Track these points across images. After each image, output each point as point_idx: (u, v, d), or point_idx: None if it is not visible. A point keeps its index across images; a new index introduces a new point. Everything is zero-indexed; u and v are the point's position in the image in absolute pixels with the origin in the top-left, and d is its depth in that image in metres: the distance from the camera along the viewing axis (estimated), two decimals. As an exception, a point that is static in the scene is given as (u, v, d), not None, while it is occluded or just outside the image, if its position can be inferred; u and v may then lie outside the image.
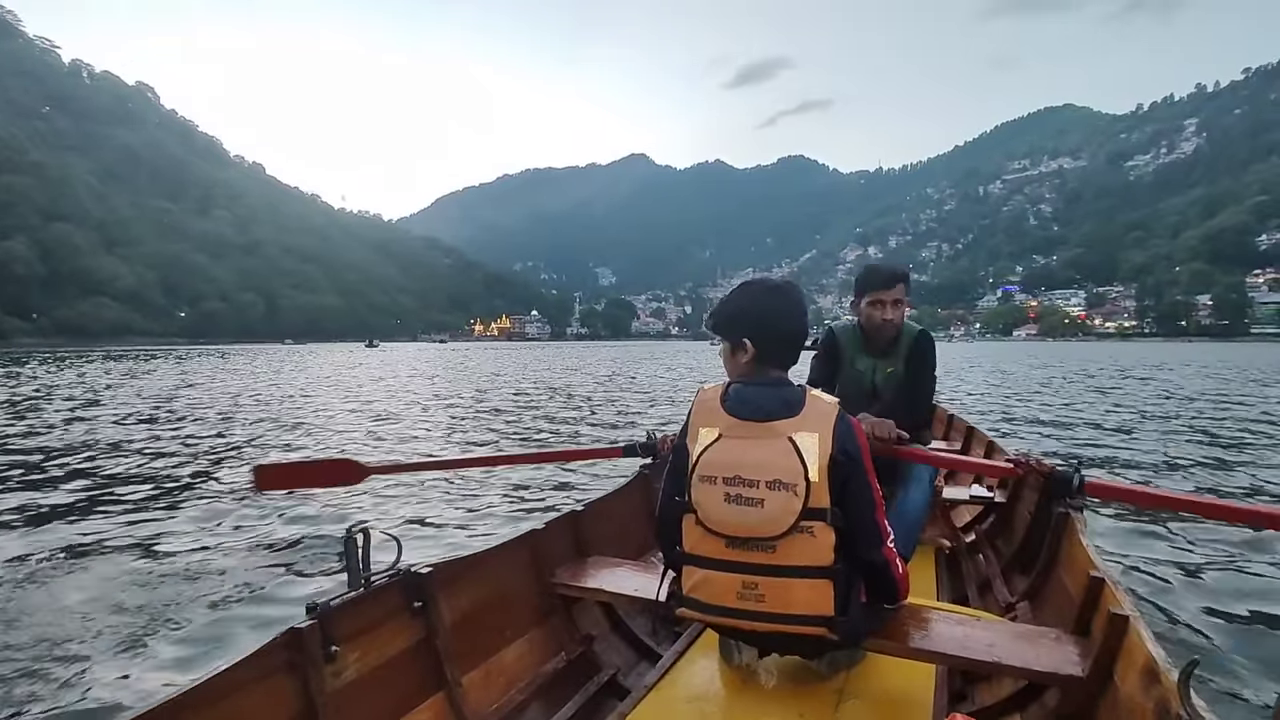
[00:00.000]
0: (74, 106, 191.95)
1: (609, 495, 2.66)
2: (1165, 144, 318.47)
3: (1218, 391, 16.79)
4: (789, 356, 1.58)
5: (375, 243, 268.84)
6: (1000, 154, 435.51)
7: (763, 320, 1.56)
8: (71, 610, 3.27)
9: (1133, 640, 1.37)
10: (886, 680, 1.73)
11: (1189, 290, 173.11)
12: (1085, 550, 1.88)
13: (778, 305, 1.57)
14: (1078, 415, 12.00)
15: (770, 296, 1.58)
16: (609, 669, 2.11)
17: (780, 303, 1.57)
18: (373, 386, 19.51)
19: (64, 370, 28.32)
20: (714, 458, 1.45)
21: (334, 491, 5.39)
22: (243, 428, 10.41)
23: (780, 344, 1.56)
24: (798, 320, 1.58)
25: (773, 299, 1.57)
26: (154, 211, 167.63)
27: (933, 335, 2.73)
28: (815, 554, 1.40)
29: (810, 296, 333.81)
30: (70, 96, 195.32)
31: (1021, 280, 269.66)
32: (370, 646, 1.60)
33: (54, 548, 4.31)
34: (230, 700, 1.27)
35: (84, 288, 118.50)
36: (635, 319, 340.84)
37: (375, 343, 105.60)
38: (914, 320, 2.74)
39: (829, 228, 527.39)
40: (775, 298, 1.58)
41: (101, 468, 7.13)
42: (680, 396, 15.77)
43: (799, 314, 1.59)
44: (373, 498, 5.44)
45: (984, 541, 3.00)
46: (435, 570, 1.79)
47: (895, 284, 2.56)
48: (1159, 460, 7.51)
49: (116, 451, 8.18)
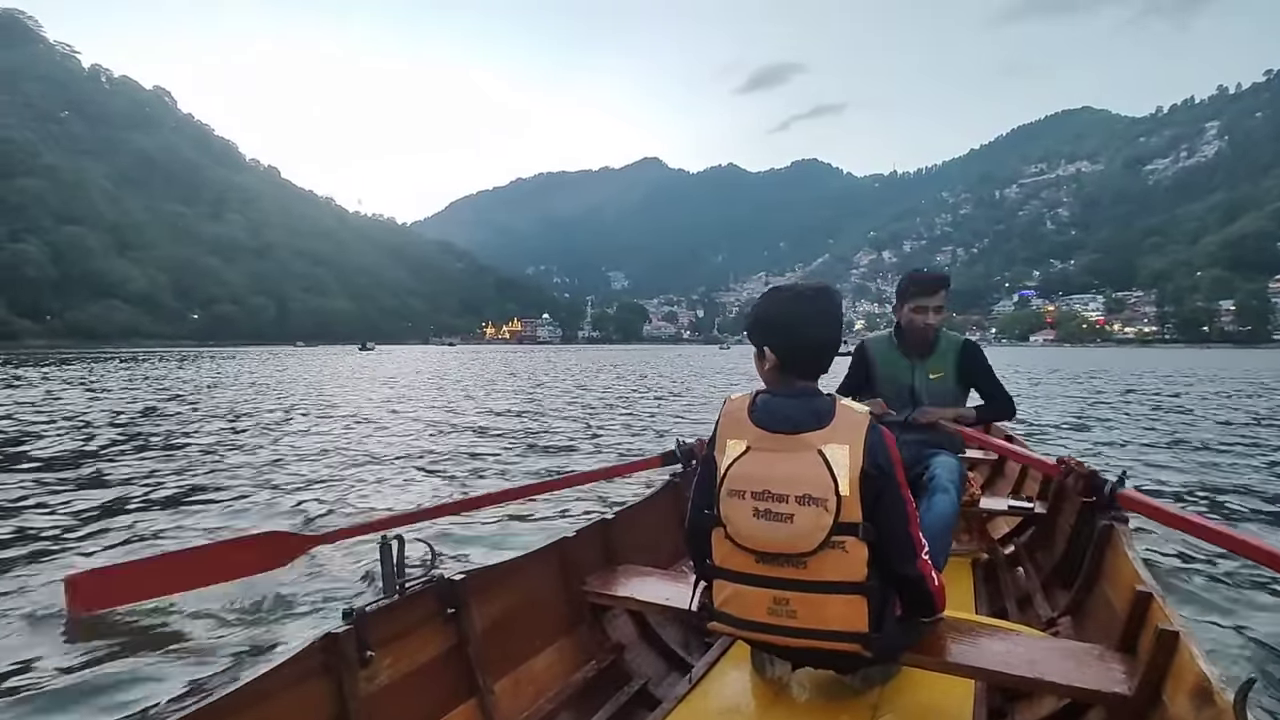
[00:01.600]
0: (92, 111, 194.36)
1: (639, 503, 2.63)
2: (1185, 147, 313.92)
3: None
4: (814, 367, 1.52)
5: (387, 246, 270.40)
6: (1016, 158, 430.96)
7: (787, 329, 1.51)
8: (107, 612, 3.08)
9: (1183, 658, 1.31)
10: (923, 695, 1.69)
11: (1210, 296, 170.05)
12: (1131, 564, 1.82)
13: (802, 313, 1.51)
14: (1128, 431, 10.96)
15: (795, 304, 1.52)
16: (640, 679, 2.09)
17: (805, 310, 1.51)
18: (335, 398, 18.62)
19: (89, 369, 27.74)
20: (742, 471, 1.43)
21: (361, 505, 5.36)
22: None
23: (803, 354, 1.51)
24: (824, 330, 1.51)
25: (797, 306, 1.52)
26: (168, 215, 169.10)
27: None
28: (848, 569, 1.37)
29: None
30: (89, 101, 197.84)
31: (1038, 285, 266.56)
32: (404, 652, 1.62)
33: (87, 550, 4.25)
34: (268, 702, 1.30)
35: (95, 290, 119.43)
36: (647, 323, 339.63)
37: (370, 346, 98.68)
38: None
39: (842, 232, 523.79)
40: (800, 305, 1.52)
41: (122, 468, 7.06)
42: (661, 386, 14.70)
43: (826, 322, 1.51)
44: (406, 502, 5.39)
45: (1023, 554, 2.93)
46: (468, 577, 1.81)
47: (938, 290, 2.64)
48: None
49: (127, 453, 8.02)
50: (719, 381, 24.48)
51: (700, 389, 20.49)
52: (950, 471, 2.40)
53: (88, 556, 4.16)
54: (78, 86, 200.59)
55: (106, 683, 2.59)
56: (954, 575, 2.60)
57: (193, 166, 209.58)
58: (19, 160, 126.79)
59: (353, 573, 3.80)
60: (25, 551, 4.22)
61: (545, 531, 4.12)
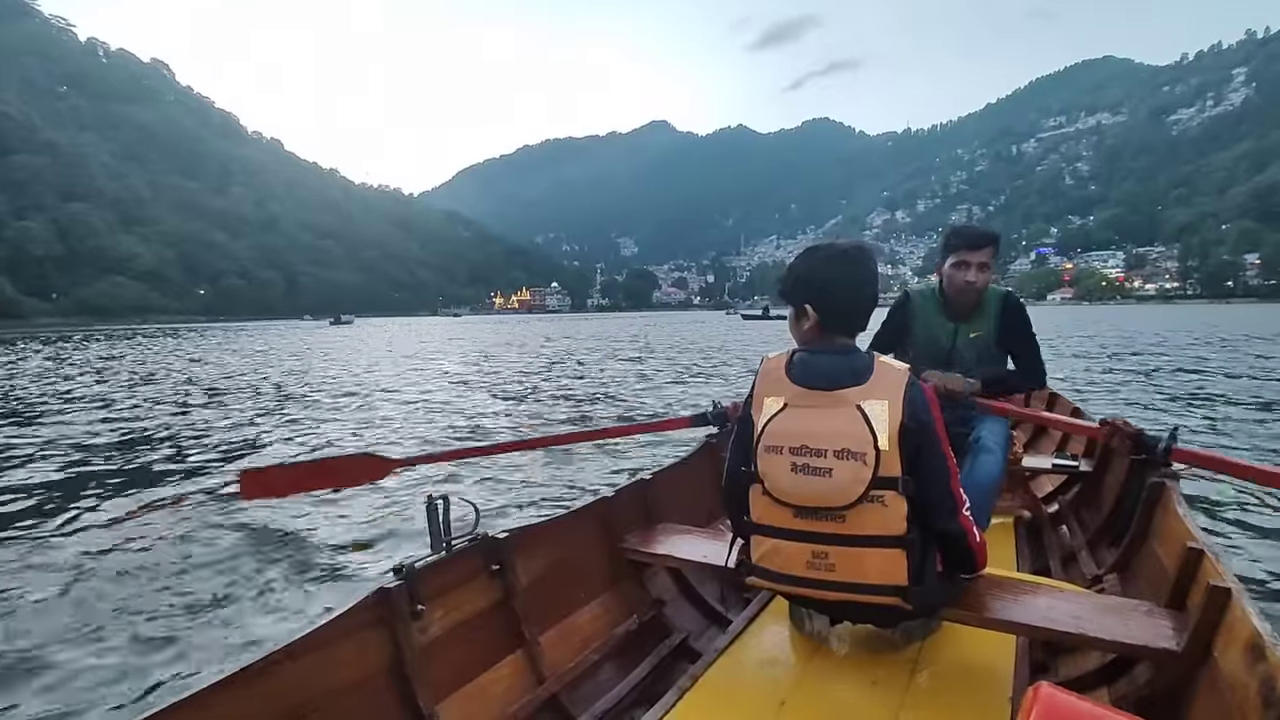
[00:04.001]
0: (90, 85, 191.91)
1: (676, 464, 2.67)
2: (1212, 96, 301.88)
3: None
4: (855, 324, 1.54)
5: (395, 217, 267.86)
6: (1035, 111, 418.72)
7: (825, 287, 1.52)
8: (177, 570, 3.68)
9: (1235, 614, 1.29)
10: (964, 650, 1.69)
11: (1236, 249, 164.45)
12: (1182, 521, 1.79)
13: (843, 272, 1.52)
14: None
15: (834, 264, 1.54)
16: (680, 633, 2.15)
17: (845, 269, 1.53)
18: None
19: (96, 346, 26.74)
20: (780, 427, 1.43)
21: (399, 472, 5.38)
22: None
23: (844, 311, 1.52)
24: (863, 288, 1.53)
25: (837, 266, 1.53)
26: (171, 189, 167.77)
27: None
28: (887, 523, 1.37)
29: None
30: (86, 75, 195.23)
31: (1056, 242, 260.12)
32: (453, 605, 1.69)
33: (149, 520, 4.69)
34: (329, 649, 1.39)
35: (102, 267, 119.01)
36: (657, 289, 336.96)
37: (346, 319, 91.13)
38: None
39: (855, 192, 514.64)
40: (840, 264, 1.53)
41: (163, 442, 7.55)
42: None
43: (864, 281, 1.53)
44: (447, 469, 5.63)
45: (1068, 513, 2.90)
46: (511, 535, 1.87)
47: (984, 245, 2.45)
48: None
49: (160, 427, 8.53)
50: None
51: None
52: (996, 434, 2.36)
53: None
54: (74, 61, 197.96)
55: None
56: (996, 534, 2.55)
57: (194, 140, 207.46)
58: (18, 137, 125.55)
59: (399, 531, 4.25)
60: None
61: (583, 493, 4.68)
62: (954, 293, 2.54)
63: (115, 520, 4.61)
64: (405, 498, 4.84)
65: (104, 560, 3.81)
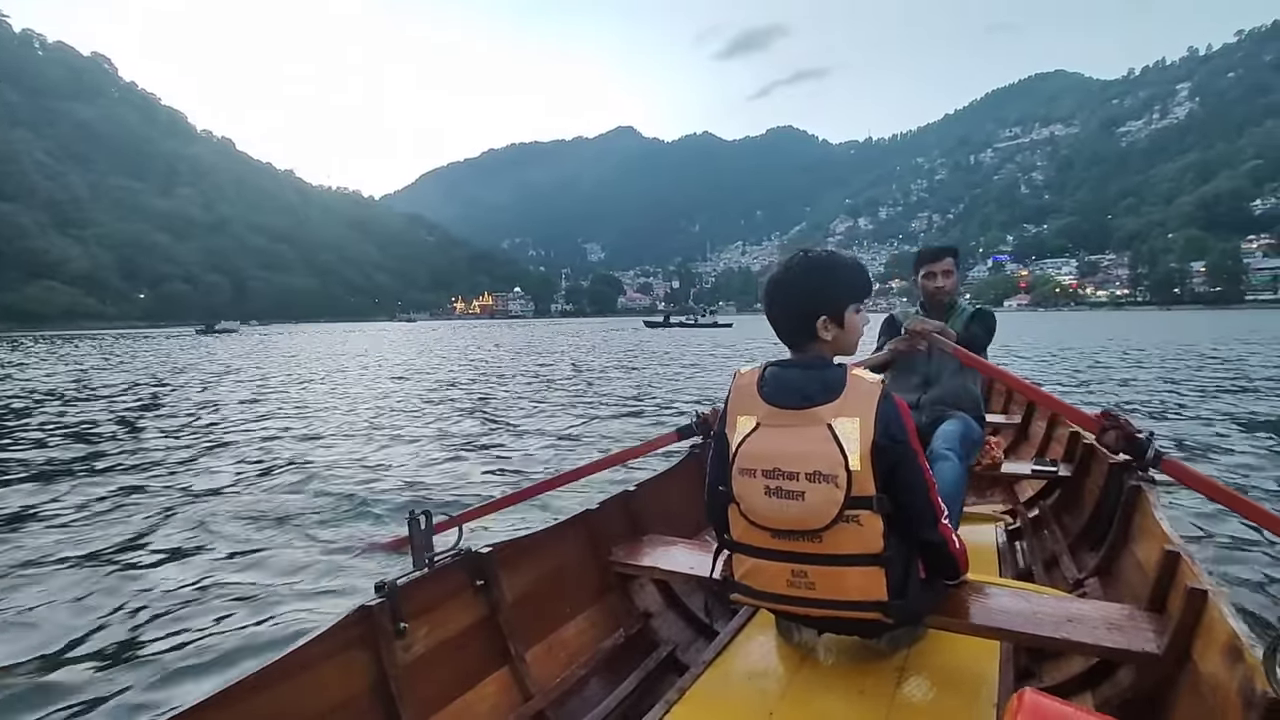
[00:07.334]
0: (25, 80, 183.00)
1: (661, 475, 2.67)
2: (1158, 109, 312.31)
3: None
4: (793, 335, 1.51)
5: (353, 220, 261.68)
6: (992, 122, 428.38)
7: (768, 297, 1.51)
8: (147, 588, 3.52)
9: (1213, 616, 1.31)
10: (949, 657, 1.69)
11: (1183, 257, 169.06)
12: (1160, 524, 1.81)
13: (780, 279, 1.51)
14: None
15: (780, 270, 1.53)
16: (667, 645, 2.14)
17: (783, 276, 1.51)
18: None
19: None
20: (752, 449, 1.42)
21: (391, 476, 5.89)
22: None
23: (779, 323, 1.51)
24: (795, 298, 1.49)
25: (779, 273, 1.52)
26: (113, 190, 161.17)
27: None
28: (864, 542, 1.36)
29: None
30: (21, 69, 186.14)
31: (1013, 250, 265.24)
32: (437, 623, 1.66)
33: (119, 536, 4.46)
34: (309, 672, 1.36)
35: (31, 271, 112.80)
36: (621, 295, 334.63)
37: (228, 325, 77.70)
38: (899, 291, 3.47)
39: (819, 200, 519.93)
40: (782, 271, 1.52)
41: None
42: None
43: (802, 289, 1.49)
44: (439, 476, 5.67)
45: (1049, 517, 2.91)
46: (495, 550, 1.84)
47: (943, 257, 2.93)
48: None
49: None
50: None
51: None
52: (947, 438, 2.45)
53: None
54: (8, 53, 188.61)
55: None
56: (978, 539, 2.57)
57: (139, 138, 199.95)
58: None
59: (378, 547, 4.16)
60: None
61: (570, 506, 4.68)
62: (928, 299, 2.98)
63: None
64: (386, 513, 4.76)
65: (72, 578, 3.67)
